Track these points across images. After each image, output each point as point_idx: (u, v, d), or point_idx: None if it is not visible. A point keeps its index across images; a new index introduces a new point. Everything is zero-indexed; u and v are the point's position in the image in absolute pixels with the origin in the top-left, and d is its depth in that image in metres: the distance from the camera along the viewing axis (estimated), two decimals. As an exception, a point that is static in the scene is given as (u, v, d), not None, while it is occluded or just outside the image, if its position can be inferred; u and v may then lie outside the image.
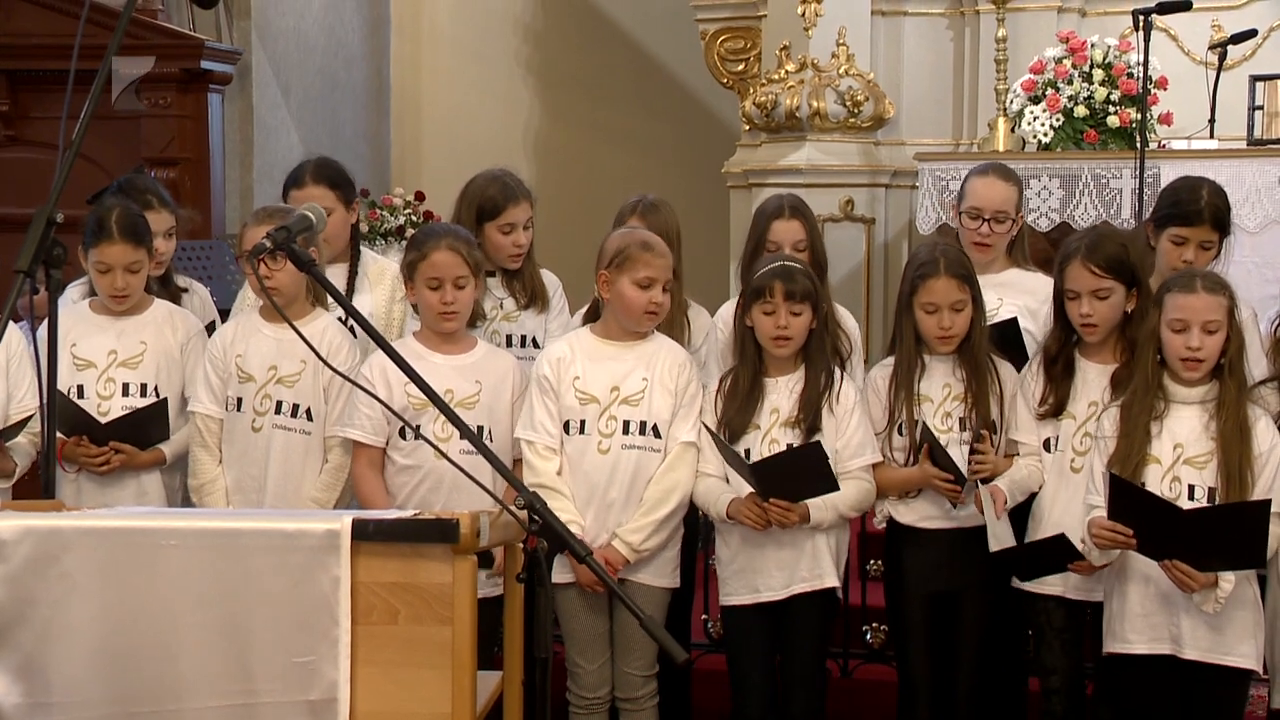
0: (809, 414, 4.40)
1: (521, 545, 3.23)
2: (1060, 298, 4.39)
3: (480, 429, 4.38)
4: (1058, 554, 4.21)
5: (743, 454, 4.41)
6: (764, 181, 7.41)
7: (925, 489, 4.47)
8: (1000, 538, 4.31)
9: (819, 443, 4.30)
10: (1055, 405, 4.40)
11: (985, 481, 4.40)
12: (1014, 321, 4.68)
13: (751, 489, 4.36)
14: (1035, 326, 4.79)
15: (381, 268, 5.06)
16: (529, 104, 9.96)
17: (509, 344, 4.91)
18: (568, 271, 5.31)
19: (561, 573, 4.45)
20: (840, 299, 5.06)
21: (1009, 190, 4.95)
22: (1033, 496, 4.45)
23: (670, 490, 4.45)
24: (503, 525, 3.07)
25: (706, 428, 4.41)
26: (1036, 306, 4.80)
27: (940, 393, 4.50)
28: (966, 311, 4.46)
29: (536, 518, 2.94)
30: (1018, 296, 4.80)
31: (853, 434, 4.44)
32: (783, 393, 4.46)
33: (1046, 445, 4.43)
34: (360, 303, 4.82)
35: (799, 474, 4.29)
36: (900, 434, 4.49)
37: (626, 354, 4.51)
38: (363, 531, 2.89)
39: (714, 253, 7.83)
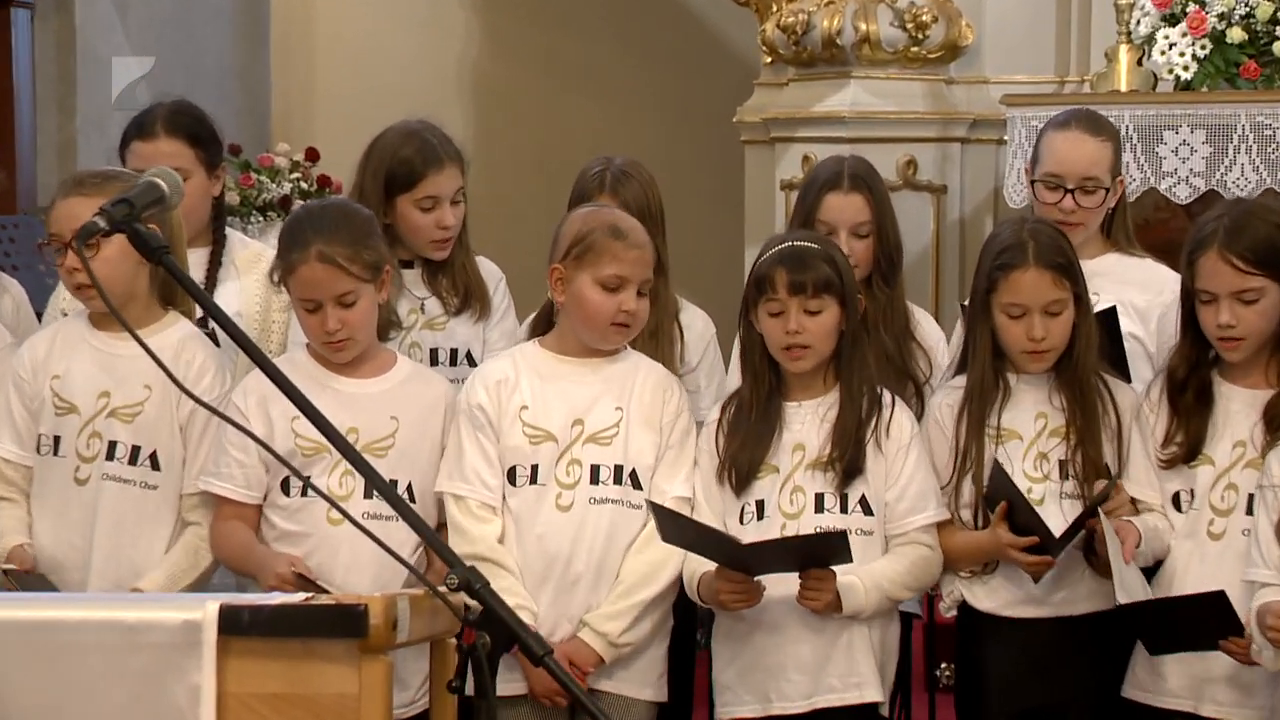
0: (845, 450, 4.43)
1: (455, 641, 3.27)
2: (1190, 301, 4.43)
3: (394, 484, 4.41)
4: (1209, 620, 4.21)
5: (754, 506, 4.46)
6: (792, 135, 7.44)
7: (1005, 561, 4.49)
8: (1130, 587, 4.29)
9: (844, 534, 4.30)
10: (1187, 447, 4.43)
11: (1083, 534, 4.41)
12: (1112, 311, 4.70)
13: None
14: (1144, 332, 4.84)
15: (254, 254, 5.09)
16: (465, 29, 9.98)
17: (434, 361, 4.95)
18: (517, 262, 5.35)
19: (505, 680, 4.44)
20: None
21: (1100, 148, 5.00)
22: (1156, 567, 4.47)
23: (658, 565, 4.48)
24: (429, 613, 3.11)
25: (654, 506, 4.40)
26: (1145, 304, 4.87)
27: (1032, 427, 4.53)
28: (1066, 315, 4.49)
29: (475, 603, 2.97)
30: (1119, 290, 4.84)
31: (909, 480, 4.47)
32: (809, 422, 4.49)
33: (1176, 502, 4.46)
34: (224, 301, 4.85)
35: (804, 559, 4.33)
36: (975, 484, 4.51)
37: (590, 375, 4.54)
38: (234, 622, 2.92)
39: (720, 233, 7.89)
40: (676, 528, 4.37)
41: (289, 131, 9.65)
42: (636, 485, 4.49)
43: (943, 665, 5.54)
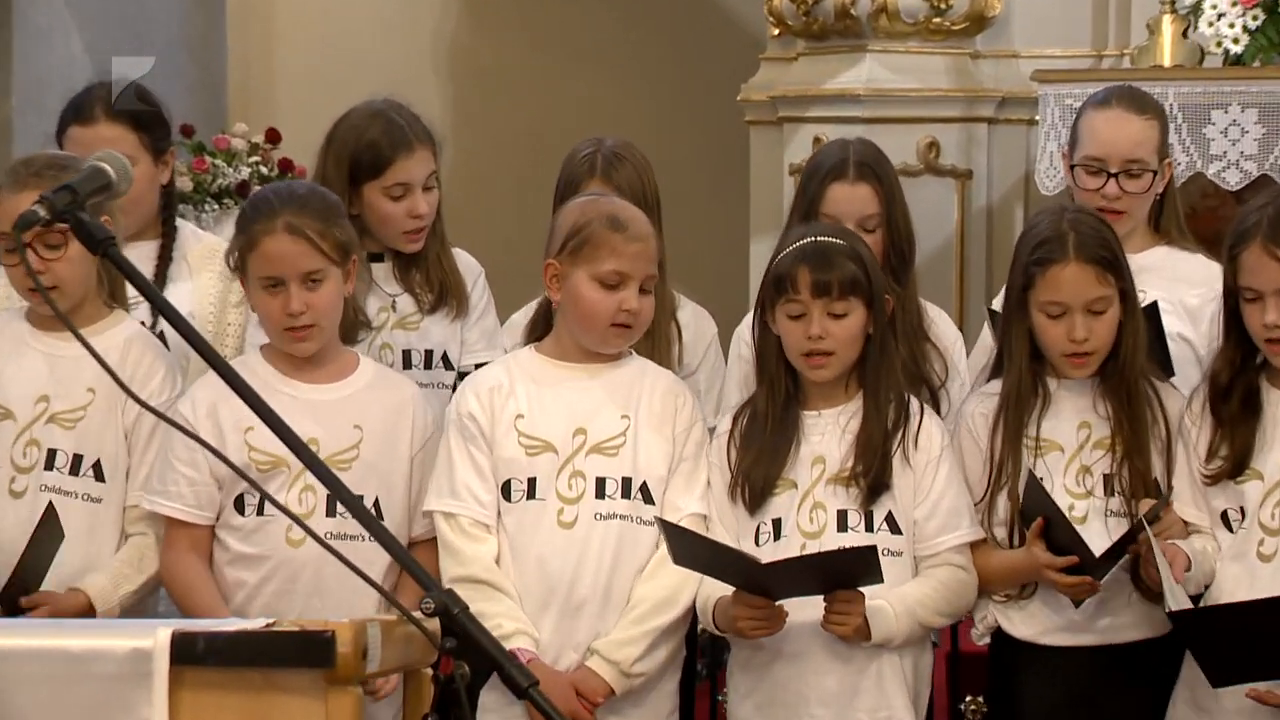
0: (870, 463, 4.44)
1: (431, 671, 3.26)
2: (1234, 299, 4.42)
3: (361, 499, 4.40)
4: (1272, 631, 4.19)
5: (770, 525, 4.47)
6: (802, 114, 7.44)
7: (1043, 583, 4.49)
8: (1181, 599, 4.28)
9: (873, 549, 4.30)
10: (1233, 461, 4.44)
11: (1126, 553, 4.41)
12: (1153, 306, 4.71)
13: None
14: (1195, 334, 4.85)
15: (209, 249, 5.11)
16: (442, -3, 9.99)
17: (407, 364, 4.96)
18: (498, 255, 5.35)
19: (509, 718, 4.45)
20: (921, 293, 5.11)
21: (1145, 127, 5.02)
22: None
23: (675, 589, 4.49)
24: (402, 640, 3.11)
25: (663, 523, 4.40)
26: (1198, 303, 4.87)
27: (1074, 437, 4.55)
28: (1110, 314, 4.49)
29: (453, 629, 2.97)
30: (1166, 288, 4.86)
31: (940, 496, 4.48)
32: (830, 432, 4.50)
33: (1225, 521, 4.46)
34: (175, 300, 4.83)
35: (829, 579, 4.33)
36: (1010, 499, 4.52)
37: (591, 381, 4.55)
38: (189, 651, 2.92)
39: (722, 223, 7.88)
40: (689, 548, 4.37)
41: (247, 110, 9.64)
42: (647, 499, 4.51)
43: (968, 698, 5.53)
